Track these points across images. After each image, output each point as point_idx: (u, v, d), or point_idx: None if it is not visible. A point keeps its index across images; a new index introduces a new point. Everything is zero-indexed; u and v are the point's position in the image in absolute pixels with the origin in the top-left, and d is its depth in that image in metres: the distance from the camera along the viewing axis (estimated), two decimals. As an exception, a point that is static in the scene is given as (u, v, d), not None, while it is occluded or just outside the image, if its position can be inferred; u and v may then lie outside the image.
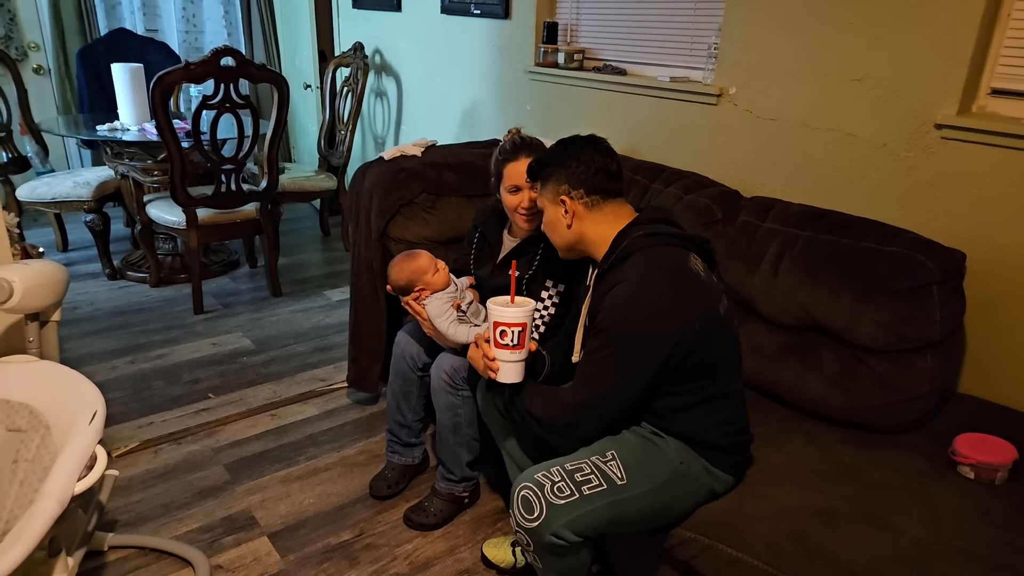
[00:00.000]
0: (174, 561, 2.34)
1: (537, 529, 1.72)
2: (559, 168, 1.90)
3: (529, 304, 1.91)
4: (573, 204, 1.88)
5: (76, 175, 4.59)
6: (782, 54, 2.68)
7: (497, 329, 1.88)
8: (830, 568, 1.62)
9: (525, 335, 1.89)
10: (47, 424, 1.94)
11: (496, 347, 1.91)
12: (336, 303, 4.44)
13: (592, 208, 1.88)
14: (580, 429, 1.83)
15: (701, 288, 1.78)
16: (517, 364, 1.92)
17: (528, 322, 1.88)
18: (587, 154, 1.88)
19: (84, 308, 4.16)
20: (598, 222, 1.89)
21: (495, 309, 1.87)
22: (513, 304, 1.91)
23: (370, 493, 2.70)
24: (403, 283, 2.39)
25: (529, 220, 2.37)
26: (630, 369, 1.74)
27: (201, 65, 3.67)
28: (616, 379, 1.75)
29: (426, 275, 2.37)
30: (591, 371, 1.79)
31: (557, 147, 1.95)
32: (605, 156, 1.90)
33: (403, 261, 2.42)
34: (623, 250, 1.81)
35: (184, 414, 3.17)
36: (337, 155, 5.27)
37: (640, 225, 1.85)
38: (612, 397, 1.78)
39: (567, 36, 3.79)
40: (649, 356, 1.73)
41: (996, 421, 2.09)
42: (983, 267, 2.24)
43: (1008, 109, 2.25)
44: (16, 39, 5.43)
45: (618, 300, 1.74)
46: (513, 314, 1.86)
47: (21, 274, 2.12)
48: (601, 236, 1.89)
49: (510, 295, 1.95)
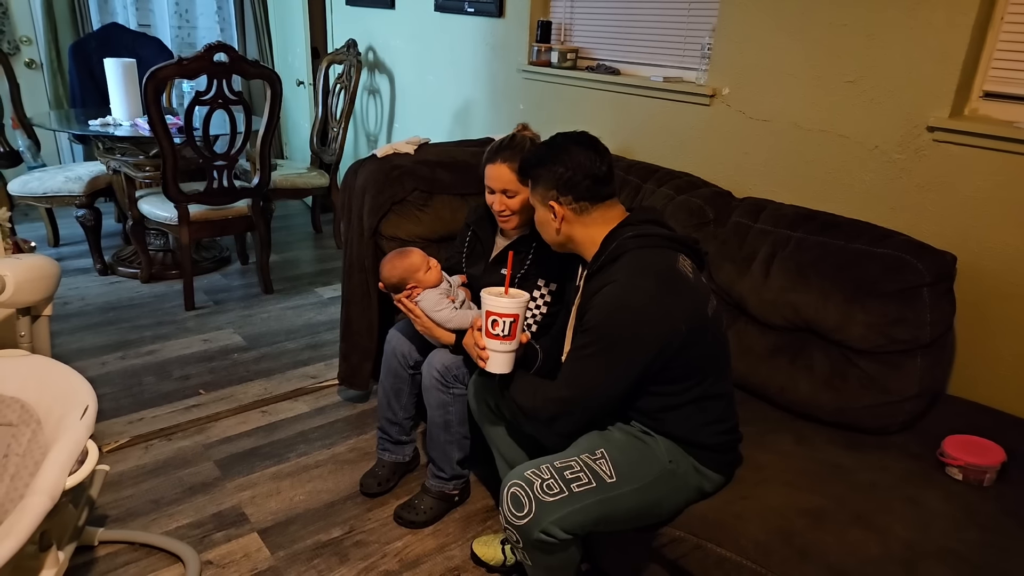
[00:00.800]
0: (164, 556, 2.34)
1: (526, 526, 1.72)
2: (546, 171, 1.88)
3: (523, 296, 1.91)
4: (562, 209, 1.88)
5: (68, 170, 4.57)
6: (776, 55, 2.69)
7: (489, 319, 1.88)
8: (818, 568, 1.63)
9: (517, 326, 1.89)
10: (38, 419, 1.94)
11: (487, 336, 1.90)
12: (328, 300, 4.43)
13: (581, 213, 1.88)
14: (562, 423, 1.85)
15: (689, 289, 1.78)
16: (507, 355, 1.93)
17: (521, 314, 1.88)
18: (575, 158, 1.85)
19: (75, 304, 4.15)
20: (587, 225, 1.89)
21: (488, 298, 1.87)
22: (507, 295, 1.92)
23: (360, 490, 2.70)
24: (395, 280, 2.39)
25: (505, 220, 2.39)
26: (614, 368, 1.75)
27: (194, 61, 3.66)
28: (600, 377, 1.77)
29: (418, 272, 2.37)
30: (576, 368, 1.81)
31: (545, 148, 1.93)
32: (594, 159, 1.86)
33: (395, 258, 2.41)
34: (612, 251, 1.82)
35: (175, 410, 3.16)
36: (329, 152, 5.26)
37: (630, 226, 1.85)
38: (595, 395, 1.79)
39: (561, 35, 3.79)
40: (634, 356, 1.74)
41: (985, 423, 2.10)
42: (974, 270, 2.25)
43: (1000, 112, 2.26)
44: (8, 33, 5.41)
45: (606, 301, 1.75)
46: (505, 304, 1.86)
47: (13, 268, 2.12)
48: (590, 238, 1.90)
49: (505, 287, 1.95)
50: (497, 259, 2.48)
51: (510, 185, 2.30)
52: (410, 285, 2.37)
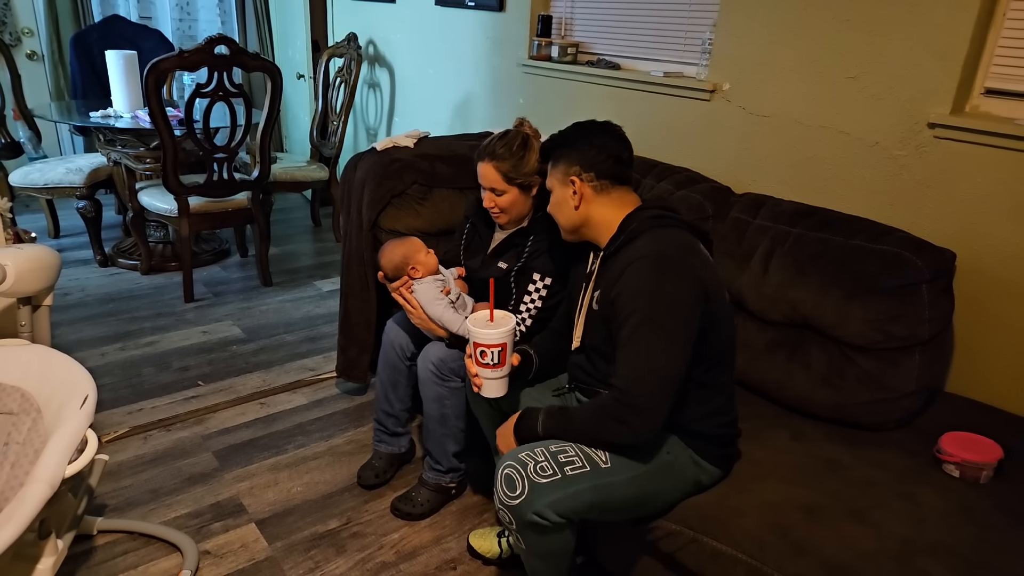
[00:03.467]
0: (162, 546, 2.35)
1: (519, 507, 1.72)
2: (572, 150, 1.92)
3: (509, 323, 1.91)
4: (582, 186, 1.90)
5: (68, 161, 4.58)
6: (777, 51, 2.69)
7: (477, 349, 1.89)
8: (813, 562, 1.63)
9: (505, 354, 1.90)
10: (38, 407, 1.94)
11: (478, 365, 1.92)
12: (326, 293, 4.44)
13: (600, 192, 1.91)
14: (642, 410, 1.72)
15: (712, 269, 1.82)
16: (500, 380, 1.95)
17: (509, 341, 1.89)
18: (601, 139, 1.92)
19: (75, 295, 4.15)
20: (605, 206, 1.91)
21: (474, 330, 1.88)
22: (492, 322, 1.92)
23: (358, 482, 2.70)
24: (396, 263, 2.41)
25: (496, 217, 2.43)
26: (673, 337, 1.71)
27: (195, 53, 3.66)
28: (660, 350, 1.71)
29: (419, 254, 2.41)
30: (634, 352, 1.74)
31: (572, 130, 1.97)
32: (619, 143, 1.93)
33: (394, 244, 2.45)
34: (632, 231, 1.84)
35: (174, 401, 3.17)
36: (329, 146, 5.26)
37: (647, 209, 1.89)
38: (662, 370, 1.71)
39: (561, 29, 3.79)
40: (687, 318, 1.72)
41: (982, 420, 2.11)
42: (973, 267, 2.26)
43: (1001, 109, 2.26)
44: (10, 24, 5.41)
45: (640, 274, 1.75)
46: (491, 336, 1.87)
47: (14, 258, 2.12)
48: (607, 220, 1.91)
49: (489, 311, 1.95)
50: (495, 252, 2.49)
51: (496, 184, 2.33)
52: (410, 267, 2.38)
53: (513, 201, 2.35)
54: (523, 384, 2.16)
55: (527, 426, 1.90)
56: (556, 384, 2.20)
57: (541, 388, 2.19)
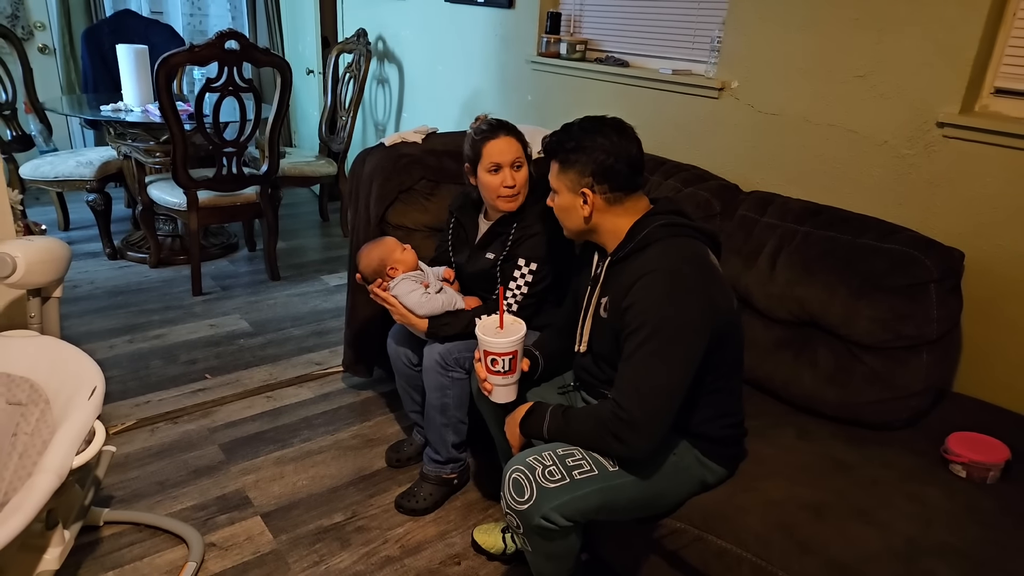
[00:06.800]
0: (168, 538, 2.36)
1: (527, 511, 1.72)
2: (585, 156, 1.82)
3: (519, 331, 1.91)
4: (595, 198, 1.84)
5: (79, 155, 4.60)
6: (785, 49, 2.68)
7: (488, 358, 1.89)
8: (818, 561, 1.63)
9: (516, 361, 1.90)
10: (47, 398, 1.95)
11: (488, 372, 1.93)
12: (333, 288, 4.44)
13: (613, 203, 1.85)
14: (640, 429, 1.70)
15: (721, 281, 1.80)
16: (510, 387, 1.95)
17: (519, 349, 1.89)
18: (613, 144, 1.81)
19: (84, 287, 4.17)
20: (617, 215, 1.86)
21: (484, 338, 1.88)
22: (502, 330, 1.92)
23: (386, 460, 2.79)
24: (374, 267, 2.45)
25: (512, 199, 2.38)
26: (677, 358, 1.69)
27: (206, 48, 3.68)
28: (663, 371, 1.69)
29: (395, 253, 2.44)
30: (637, 368, 1.71)
31: (579, 130, 1.86)
32: (629, 145, 1.83)
33: (370, 247, 2.48)
34: (642, 239, 1.79)
35: (181, 394, 3.18)
36: (338, 141, 5.27)
37: (656, 216, 1.83)
38: (664, 389, 1.69)
39: (570, 27, 3.79)
40: (694, 341, 1.70)
41: (989, 421, 2.10)
42: (981, 266, 2.25)
43: (1011, 109, 2.25)
44: (22, 18, 5.43)
45: (651, 291, 1.71)
46: (502, 344, 1.87)
47: (24, 250, 2.14)
48: (615, 228, 1.87)
49: (499, 318, 1.95)
50: (481, 243, 2.50)
51: (519, 156, 2.35)
52: (389, 268, 2.42)
53: (526, 178, 2.35)
54: (529, 384, 2.16)
55: (534, 423, 1.90)
56: (561, 382, 2.20)
57: (546, 386, 2.19)
